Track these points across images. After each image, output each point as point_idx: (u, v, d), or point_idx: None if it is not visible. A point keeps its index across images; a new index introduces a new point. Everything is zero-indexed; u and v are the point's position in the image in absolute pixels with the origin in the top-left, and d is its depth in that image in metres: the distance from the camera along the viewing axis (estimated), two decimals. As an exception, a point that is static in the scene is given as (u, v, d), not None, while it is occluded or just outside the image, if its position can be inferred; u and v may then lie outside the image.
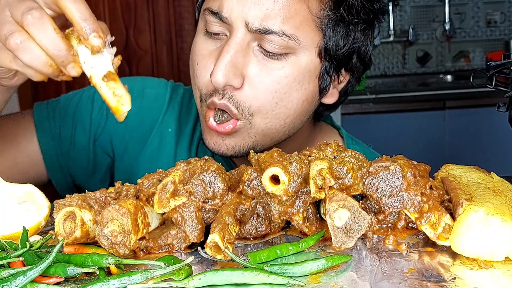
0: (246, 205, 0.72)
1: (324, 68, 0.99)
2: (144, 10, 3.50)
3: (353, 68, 1.03)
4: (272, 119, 0.97)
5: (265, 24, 0.91)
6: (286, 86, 0.95)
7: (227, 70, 0.92)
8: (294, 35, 0.92)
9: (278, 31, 0.91)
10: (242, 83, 0.94)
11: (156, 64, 3.54)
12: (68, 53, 0.76)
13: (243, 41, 0.93)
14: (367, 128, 3.40)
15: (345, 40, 0.97)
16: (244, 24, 0.92)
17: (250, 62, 0.94)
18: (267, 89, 0.94)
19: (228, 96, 0.95)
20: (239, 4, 0.92)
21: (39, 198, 0.78)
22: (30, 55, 0.76)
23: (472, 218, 0.63)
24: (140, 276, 0.58)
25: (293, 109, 0.98)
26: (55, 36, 0.75)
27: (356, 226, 0.65)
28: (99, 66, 0.77)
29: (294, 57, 0.94)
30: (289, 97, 0.96)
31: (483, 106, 3.31)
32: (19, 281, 0.58)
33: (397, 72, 4.14)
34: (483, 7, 4.06)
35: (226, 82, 0.92)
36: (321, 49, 0.96)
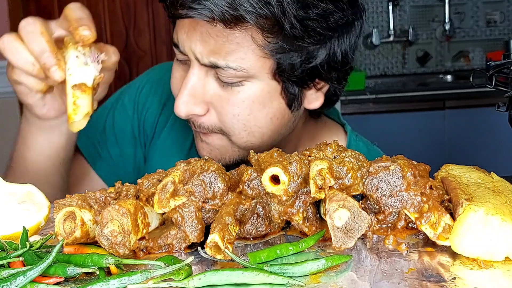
0: (246, 205, 0.72)
1: (284, 87, 0.98)
2: (143, 11, 3.51)
3: (328, 77, 1.00)
4: (248, 137, 0.99)
5: (212, 59, 0.93)
6: (247, 109, 0.96)
7: (186, 102, 0.96)
8: (239, 67, 0.93)
9: (223, 66, 0.93)
10: (206, 109, 0.97)
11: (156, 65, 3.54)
12: (52, 55, 0.83)
13: (199, 72, 0.96)
14: (367, 128, 3.40)
15: (300, 61, 0.95)
16: (195, 58, 0.95)
17: (210, 90, 0.97)
18: (228, 113, 0.97)
19: (198, 124, 0.99)
20: (188, 40, 0.94)
21: (39, 198, 0.78)
22: (14, 54, 0.84)
23: (472, 218, 0.63)
24: (140, 276, 0.58)
25: (265, 127, 0.99)
26: (41, 39, 0.84)
27: (356, 226, 0.65)
28: (78, 75, 0.83)
29: (248, 83, 0.95)
30: (254, 117, 0.97)
31: (483, 106, 3.31)
32: (19, 281, 0.58)
33: (397, 72, 4.14)
34: (483, 7, 4.06)
35: (188, 112, 0.96)
36: (274, 73, 0.96)
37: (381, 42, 3.99)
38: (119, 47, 3.47)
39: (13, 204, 0.77)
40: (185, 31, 0.95)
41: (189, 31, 0.94)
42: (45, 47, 0.84)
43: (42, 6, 3.40)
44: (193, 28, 0.93)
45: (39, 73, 0.85)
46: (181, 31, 0.96)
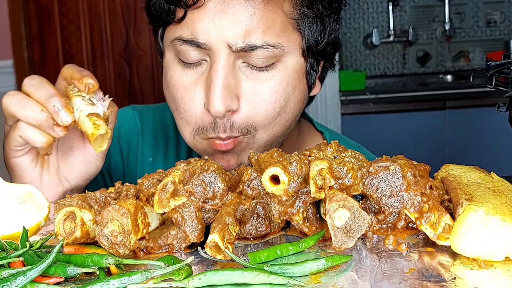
0: (246, 205, 0.72)
1: (309, 65, 0.98)
2: (144, 11, 3.50)
3: (328, 55, 1.03)
4: (274, 127, 0.97)
5: (248, 41, 0.89)
6: (283, 93, 0.94)
7: (223, 97, 0.90)
8: (277, 43, 0.91)
9: (262, 44, 0.90)
10: (238, 104, 0.92)
11: (156, 65, 3.54)
12: (59, 99, 0.85)
13: (228, 62, 0.91)
14: (367, 128, 3.40)
15: (323, 34, 0.97)
16: (227, 46, 0.89)
17: (241, 81, 0.92)
18: (266, 102, 0.93)
19: (229, 126, 0.93)
20: (216, 27, 0.89)
21: (39, 198, 0.78)
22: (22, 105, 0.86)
23: (472, 218, 0.63)
24: (140, 276, 0.58)
25: (291, 113, 0.98)
26: (48, 86, 0.87)
27: (356, 226, 0.65)
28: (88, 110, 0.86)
29: (281, 64, 0.93)
30: (288, 102, 0.96)
31: (483, 106, 3.31)
32: (19, 281, 0.58)
33: (397, 72, 4.14)
34: (483, 7, 4.06)
35: (226, 108, 0.90)
36: (303, 49, 0.96)
37: (381, 42, 4.00)
38: (119, 47, 3.48)
39: (13, 204, 0.77)
40: (209, 19, 0.89)
41: (217, 16, 0.89)
42: (52, 92, 0.86)
43: (42, 6, 3.40)
44: (222, 11, 0.88)
45: (47, 120, 0.85)
46: (201, 21, 0.89)
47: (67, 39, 3.44)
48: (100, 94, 0.88)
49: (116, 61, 3.47)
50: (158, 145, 1.17)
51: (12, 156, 0.93)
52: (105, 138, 0.85)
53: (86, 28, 3.43)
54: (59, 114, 0.85)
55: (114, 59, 3.46)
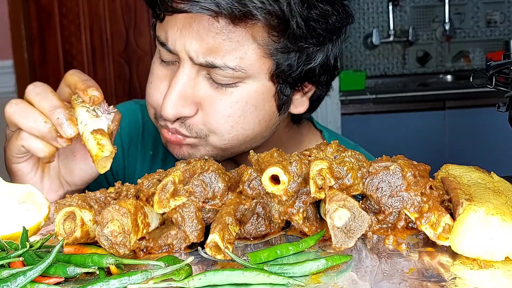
0: (246, 205, 0.72)
1: (279, 89, 0.97)
2: (144, 11, 3.50)
3: (317, 80, 1.01)
4: (229, 140, 0.97)
5: (208, 58, 0.90)
6: (239, 110, 0.94)
7: (176, 102, 0.93)
8: (238, 66, 0.91)
9: (220, 65, 0.90)
10: (196, 111, 0.95)
11: (156, 65, 3.54)
12: (64, 110, 0.84)
13: (190, 72, 0.93)
14: (367, 128, 3.40)
15: (299, 62, 0.95)
16: (188, 58, 0.92)
17: (200, 90, 0.94)
18: (219, 114, 0.94)
19: (180, 122, 0.96)
20: (181, 37, 0.91)
21: (39, 198, 0.78)
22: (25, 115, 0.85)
23: (472, 218, 0.63)
24: (140, 276, 0.58)
25: (251, 130, 0.97)
26: (52, 97, 0.85)
27: (356, 226, 0.65)
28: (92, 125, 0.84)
29: (243, 84, 0.94)
30: (244, 119, 0.95)
31: (483, 106, 3.31)
32: (19, 281, 0.58)
33: (397, 72, 4.14)
34: (483, 7, 4.06)
35: (176, 114, 0.94)
36: (272, 73, 0.95)
37: (381, 42, 3.99)
38: (119, 47, 3.48)
39: (13, 204, 0.77)
40: (178, 28, 0.91)
41: (184, 28, 0.90)
42: (56, 104, 0.85)
43: (42, 6, 3.40)
44: (189, 24, 0.90)
45: (50, 132, 0.85)
46: (172, 28, 0.92)
47: (67, 39, 3.44)
48: (105, 106, 0.87)
49: (116, 61, 3.47)
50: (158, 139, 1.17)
51: (13, 162, 0.92)
52: (109, 158, 0.84)
53: (86, 28, 3.43)
54: (62, 127, 0.84)
55: (114, 59, 3.46)
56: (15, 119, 0.86)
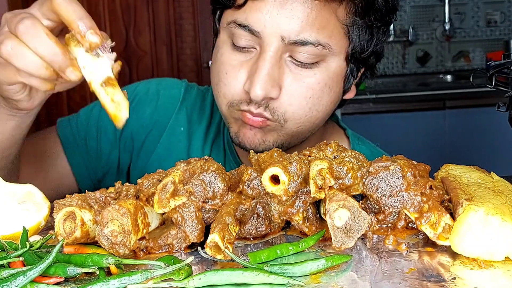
0: (246, 205, 0.72)
1: (349, 70, 1.02)
2: (143, 10, 3.51)
3: (370, 65, 1.07)
4: (304, 123, 1.00)
5: (301, 36, 0.93)
6: (318, 92, 0.98)
7: (265, 84, 0.94)
8: (327, 44, 0.95)
9: (314, 42, 0.94)
10: (279, 93, 0.97)
11: (156, 65, 3.55)
12: (65, 56, 0.76)
13: (277, 54, 0.95)
14: (367, 128, 3.40)
15: (370, 43, 1.01)
16: (280, 38, 0.94)
17: (284, 73, 0.97)
18: (301, 96, 0.97)
19: (264, 105, 0.98)
20: (273, 19, 0.93)
21: (39, 198, 0.78)
22: (23, 60, 0.76)
23: (472, 218, 0.63)
24: (140, 276, 0.58)
25: (323, 111, 1.02)
26: (49, 41, 0.76)
27: (356, 226, 0.65)
28: (98, 71, 0.76)
29: (324, 64, 0.98)
30: (321, 101, 1.00)
31: (483, 106, 3.31)
32: (19, 281, 0.58)
33: (397, 72, 4.14)
34: (483, 7, 4.06)
35: (265, 95, 0.95)
36: (348, 54, 1.00)
37: (381, 42, 3.98)
38: (119, 47, 3.48)
39: (13, 204, 0.77)
40: (267, 11, 0.93)
41: (275, 9, 0.93)
42: (55, 50, 0.77)
43: (42, 6, 3.40)
44: (281, 6, 0.93)
45: (52, 75, 0.79)
46: (259, 12, 0.94)
47: (67, 39, 3.44)
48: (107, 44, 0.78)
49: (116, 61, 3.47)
50: (192, 118, 1.21)
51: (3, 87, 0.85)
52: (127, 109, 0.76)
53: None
54: (65, 73, 0.77)
55: (114, 59, 3.46)
56: (13, 62, 0.78)
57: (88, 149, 1.19)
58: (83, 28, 0.75)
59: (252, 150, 0.99)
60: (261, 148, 1.01)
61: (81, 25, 0.76)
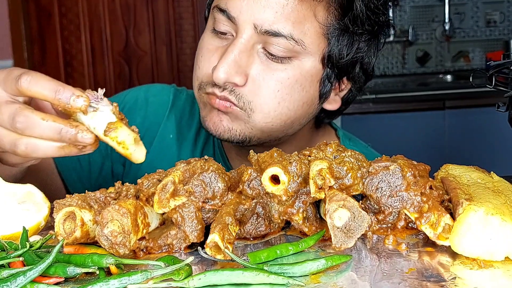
0: (246, 205, 0.72)
1: (325, 74, 1.01)
2: (143, 10, 3.50)
3: (355, 78, 1.05)
4: (273, 119, 0.99)
5: (275, 26, 0.93)
6: (288, 87, 0.97)
7: (229, 68, 0.94)
8: (301, 40, 0.94)
9: (287, 35, 0.93)
10: (245, 81, 0.96)
11: (156, 65, 3.54)
12: (70, 127, 0.74)
13: (248, 42, 0.95)
14: (366, 128, 3.40)
15: (349, 49, 1.00)
16: (253, 26, 0.94)
17: (253, 63, 0.96)
18: (269, 88, 0.97)
19: (229, 90, 0.97)
20: (248, 6, 0.94)
21: (39, 198, 0.78)
22: (42, 151, 0.75)
23: (472, 218, 0.63)
24: (140, 276, 0.58)
25: (294, 110, 1.00)
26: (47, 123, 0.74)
27: (356, 226, 0.65)
28: (100, 123, 0.76)
29: (297, 61, 0.97)
30: (291, 97, 0.98)
31: (483, 106, 3.31)
32: (19, 281, 0.58)
33: (397, 72, 4.14)
34: (483, 7, 4.06)
35: (227, 79, 0.95)
36: (324, 56, 0.99)
37: (381, 42, 3.98)
38: (119, 47, 3.48)
39: (13, 204, 0.77)
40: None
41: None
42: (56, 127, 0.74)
43: (42, 6, 3.40)
44: None
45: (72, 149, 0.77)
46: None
47: (67, 39, 3.44)
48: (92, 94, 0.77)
49: (116, 61, 3.47)
50: (182, 124, 1.20)
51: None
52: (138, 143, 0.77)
53: (86, 28, 3.43)
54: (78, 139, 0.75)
55: (114, 59, 3.46)
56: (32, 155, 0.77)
57: (80, 163, 1.18)
58: (65, 101, 0.73)
59: (217, 137, 1.00)
60: (226, 136, 1.00)
61: (61, 99, 0.74)
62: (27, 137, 0.75)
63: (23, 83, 0.74)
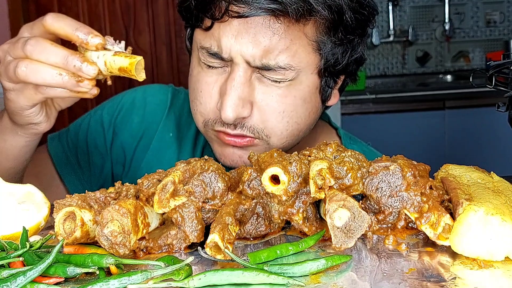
0: (246, 205, 0.72)
1: (324, 82, 1.01)
2: (143, 11, 3.50)
3: (350, 72, 1.06)
4: (288, 137, 1.00)
5: (264, 61, 0.93)
6: (291, 105, 0.97)
7: (235, 105, 0.94)
8: (288, 65, 0.94)
9: (274, 66, 0.93)
10: (251, 111, 0.96)
11: (156, 65, 3.54)
12: (75, 55, 0.79)
13: (246, 74, 0.95)
14: (366, 128, 3.40)
15: (344, 55, 0.99)
16: (245, 62, 0.94)
17: (254, 90, 0.96)
18: (274, 111, 0.97)
19: (240, 126, 0.97)
20: (237, 43, 0.92)
21: (39, 198, 0.78)
22: (40, 74, 0.80)
23: (472, 218, 0.63)
24: (140, 276, 0.58)
25: (303, 123, 1.01)
26: (56, 48, 0.80)
27: (356, 226, 0.65)
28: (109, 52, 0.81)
29: (293, 81, 0.96)
30: (297, 113, 0.99)
31: (483, 106, 3.31)
32: (19, 281, 0.58)
33: (397, 72, 4.14)
34: (483, 7, 4.06)
35: (237, 116, 0.95)
36: (320, 68, 0.98)
37: (381, 42, 4.00)
38: (119, 47, 3.48)
39: (13, 204, 0.77)
40: (233, 35, 0.92)
41: (239, 33, 0.92)
42: (64, 53, 0.80)
43: (42, 6, 3.40)
44: (245, 29, 0.92)
45: (69, 79, 0.80)
46: (226, 37, 0.93)
47: (67, 39, 3.44)
48: (111, 39, 0.82)
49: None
50: (181, 123, 1.20)
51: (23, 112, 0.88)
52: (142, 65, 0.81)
53: (85, 28, 3.43)
54: (82, 69, 0.79)
55: (114, 59, 3.46)
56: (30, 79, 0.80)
57: (80, 164, 1.18)
58: (83, 37, 0.80)
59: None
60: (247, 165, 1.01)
61: (80, 35, 0.80)
62: (30, 59, 0.80)
63: (48, 19, 0.81)
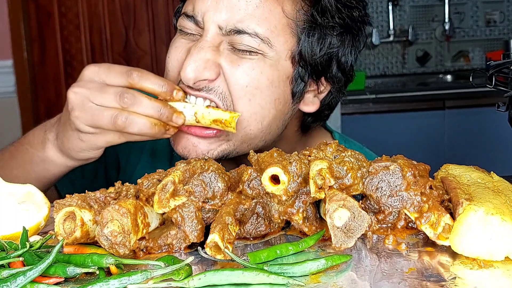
0: (246, 205, 0.72)
1: (297, 72, 0.99)
2: (143, 10, 3.50)
3: (333, 78, 1.03)
4: (249, 121, 0.97)
5: (239, 25, 0.93)
6: (255, 80, 0.95)
7: (196, 66, 0.94)
8: (267, 38, 0.94)
9: (251, 33, 0.93)
10: (218, 73, 0.95)
11: (156, 64, 3.54)
12: (167, 108, 0.91)
13: (214, 40, 0.95)
14: (366, 128, 3.40)
15: (321, 45, 0.98)
16: (217, 27, 0.94)
17: (221, 56, 0.95)
18: (237, 82, 0.95)
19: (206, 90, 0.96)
20: (212, 8, 0.94)
21: (39, 198, 0.78)
22: (137, 126, 0.90)
23: (472, 218, 0.63)
24: (140, 276, 0.58)
25: (267, 109, 0.98)
26: (152, 102, 0.90)
27: (356, 226, 0.65)
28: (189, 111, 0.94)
29: (265, 58, 0.95)
30: (261, 93, 0.96)
31: (483, 106, 3.31)
32: (19, 281, 0.58)
33: (397, 72, 4.14)
34: (483, 7, 4.06)
35: (196, 76, 0.94)
36: (294, 54, 0.97)
37: (381, 42, 3.99)
38: (119, 47, 3.48)
39: (13, 204, 0.77)
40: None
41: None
42: (158, 106, 0.90)
43: (41, 6, 3.40)
44: None
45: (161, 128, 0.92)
46: (202, 1, 0.95)
47: (66, 39, 3.44)
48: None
49: (115, 61, 3.47)
50: None
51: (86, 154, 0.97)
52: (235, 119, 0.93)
53: (85, 28, 3.43)
54: (173, 120, 0.92)
55: (114, 59, 3.46)
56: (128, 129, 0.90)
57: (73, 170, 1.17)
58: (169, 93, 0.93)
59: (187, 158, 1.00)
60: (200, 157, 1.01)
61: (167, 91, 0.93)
62: (127, 112, 0.89)
63: (135, 77, 0.91)
